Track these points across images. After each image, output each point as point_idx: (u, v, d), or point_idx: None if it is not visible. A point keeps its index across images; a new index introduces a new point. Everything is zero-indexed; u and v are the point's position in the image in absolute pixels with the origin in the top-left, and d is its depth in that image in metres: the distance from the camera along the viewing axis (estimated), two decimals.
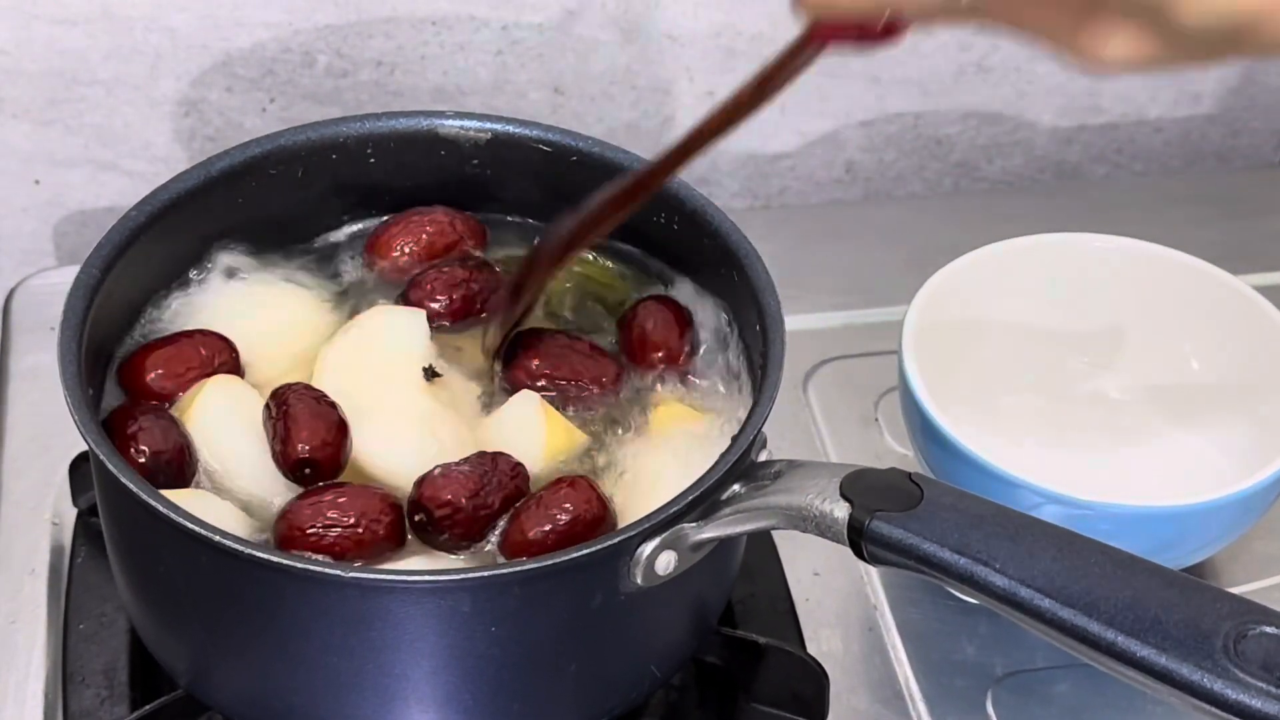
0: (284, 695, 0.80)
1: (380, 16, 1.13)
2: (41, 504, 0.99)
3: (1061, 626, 0.71)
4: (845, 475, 0.77)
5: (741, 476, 0.79)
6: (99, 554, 0.92)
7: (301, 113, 1.15)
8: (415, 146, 0.93)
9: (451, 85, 1.16)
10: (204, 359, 0.87)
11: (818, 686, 0.89)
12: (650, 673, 0.84)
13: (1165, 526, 0.90)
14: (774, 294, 0.85)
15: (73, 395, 0.78)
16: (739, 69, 1.19)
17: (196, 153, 1.16)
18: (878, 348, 1.06)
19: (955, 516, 0.74)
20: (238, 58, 1.13)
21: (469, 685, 0.79)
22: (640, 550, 0.77)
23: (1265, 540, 0.99)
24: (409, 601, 0.75)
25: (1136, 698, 0.91)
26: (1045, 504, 0.88)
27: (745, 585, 0.94)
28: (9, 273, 1.17)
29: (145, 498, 0.75)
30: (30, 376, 1.06)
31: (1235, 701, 0.68)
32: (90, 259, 0.84)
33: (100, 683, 0.90)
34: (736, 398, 0.88)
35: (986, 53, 1.22)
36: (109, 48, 1.11)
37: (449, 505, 0.80)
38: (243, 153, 0.90)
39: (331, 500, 0.81)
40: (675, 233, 0.90)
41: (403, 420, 0.85)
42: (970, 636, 0.95)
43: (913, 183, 1.28)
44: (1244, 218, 1.21)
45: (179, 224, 0.88)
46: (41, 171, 1.16)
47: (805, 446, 1.05)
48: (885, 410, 1.06)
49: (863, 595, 0.97)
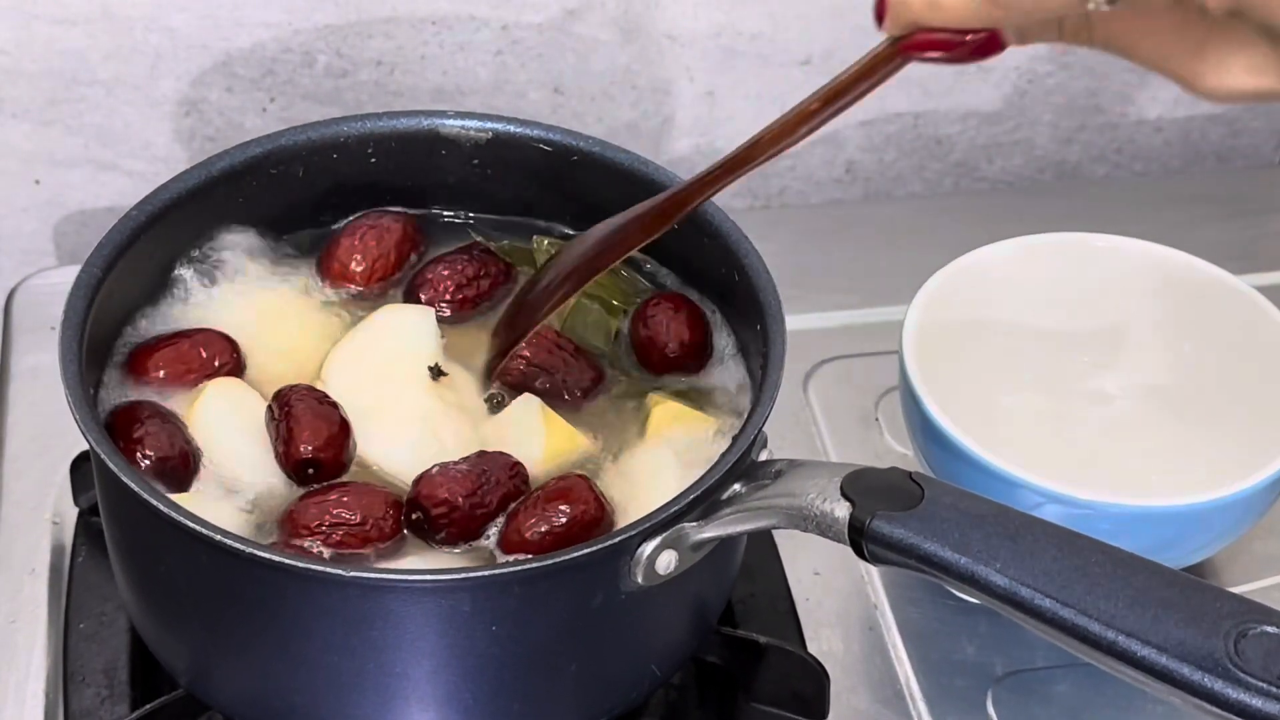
0: (285, 695, 0.80)
1: (380, 16, 1.13)
2: (42, 504, 0.99)
3: (1062, 626, 0.71)
4: (846, 475, 0.77)
5: (742, 476, 0.79)
6: (99, 553, 0.92)
7: (301, 113, 1.15)
8: (415, 146, 0.93)
9: (451, 85, 1.16)
10: (205, 359, 0.87)
11: (818, 686, 0.89)
12: (650, 672, 0.84)
13: (1165, 526, 0.90)
14: (774, 294, 0.85)
15: (74, 394, 0.78)
16: (739, 69, 1.19)
17: (196, 153, 1.16)
18: (878, 348, 1.06)
19: (955, 516, 0.74)
20: (238, 58, 1.13)
21: (469, 684, 0.79)
22: (641, 550, 0.77)
23: (1265, 540, 0.99)
24: (409, 601, 0.76)
25: (1136, 698, 0.91)
26: (1045, 504, 0.88)
27: (745, 585, 0.94)
28: (9, 273, 1.17)
29: (146, 497, 0.75)
30: (31, 376, 1.06)
31: (1235, 701, 0.68)
32: (90, 259, 0.84)
33: (101, 682, 0.90)
34: (736, 397, 0.88)
35: None
36: (109, 48, 1.11)
37: (445, 504, 0.80)
38: (243, 153, 0.90)
39: (336, 499, 0.81)
40: (675, 233, 0.90)
41: (407, 419, 0.85)
42: (970, 636, 0.95)
43: (913, 183, 1.28)
44: (1244, 218, 1.21)
45: (179, 224, 0.88)
46: (41, 171, 1.16)
47: (805, 446, 1.05)
48: (885, 410, 1.06)
49: (863, 595, 0.97)
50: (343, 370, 0.87)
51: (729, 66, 1.19)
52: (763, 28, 1.17)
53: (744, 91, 1.20)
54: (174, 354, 0.86)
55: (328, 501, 0.81)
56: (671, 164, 1.19)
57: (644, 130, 1.20)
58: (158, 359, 0.86)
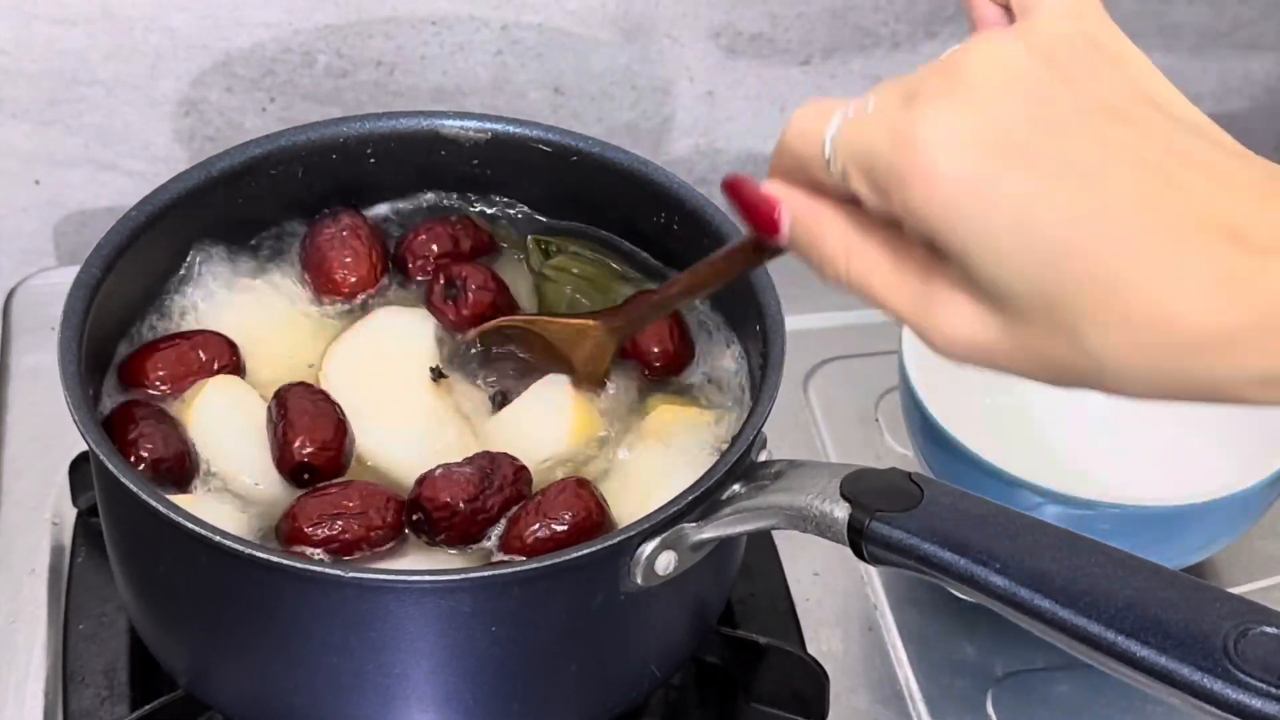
0: (284, 695, 0.80)
1: (380, 16, 1.13)
2: (41, 504, 0.99)
3: (1061, 626, 0.71)
4: (845, 475, 0.77)
5: (742, 476, 0.79)
6: (99, 554, 0.92)
7: (301, 113, 1.15)
8: (415, 146, 0.92)
9: (451, 85, 1.16)
10: (204, 360, 0.87)
11: (818, 686, 0.89)
12: (650, 673, 0.84)
13: (1165, 526, 0.90)
14: (774, 294, 0.85)
15: (73, 395, 0.78)
16: (739, 69, 1.19)
17: (196, 153, 1.15)
18: (878, 348, 1.06)
19: (955, 516, 0.74)
20: (238, 58, 1.13)
21: (469, 685, 0.79)
22: (640, 550, 0.77)
23: (1265, 540, 0.99)
24: (409, 601, 0.75)
25: (1136, 698, 0.91)
26: (1045, 504, 0.88)
27: (745, 585, 0.94)
28: (9, 273, 1.17)
29: (145, 498, 0.75)
30: (30, 376, 1.06)
31: (1235, 701, 0.67)
32: (90, 259, 0.84)
33: (100, 682, 0.90)
34: (736, 397, 0.88)
35: None
36: (109, 48, 1.11)
37: (446, 508, 0.80)
38: (243, 153, 0.90)
39: (337, 498, 0.81)
40: (675, 233, 0.90)
41: (409, 418, 0.85)
42: (970, 636, 0.95)
43: None
44: None
45: (179, 224, 0.88)
46: (41, 171, 1.16)
47: (805, 446, 1.05)
48: (885, 410, 1.06)
49: (863, 595, 0.97)
50: (342, 366, 0.87)
51: (729, 66, 1.18)
52: (763, 28, 1.17)
53: (744, 91, 1.20)
54: (173, 355, 0.86)
55: (328, 501, 0.81)
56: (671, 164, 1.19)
57: (644, 130, 1.20)
58: (157, 360, 0.86)
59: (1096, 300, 0.56)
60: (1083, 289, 0.56)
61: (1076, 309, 0.56)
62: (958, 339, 0.60)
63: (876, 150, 0.59)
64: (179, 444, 0.83)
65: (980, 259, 0.57)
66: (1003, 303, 0.58)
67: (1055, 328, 0.57)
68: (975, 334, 0.59)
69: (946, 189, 0.57)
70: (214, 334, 0.88)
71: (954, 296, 0.59)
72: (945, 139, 0.57)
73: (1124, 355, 0.56)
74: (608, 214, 0.93)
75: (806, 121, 0.63)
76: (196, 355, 0.86)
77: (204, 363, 0.86)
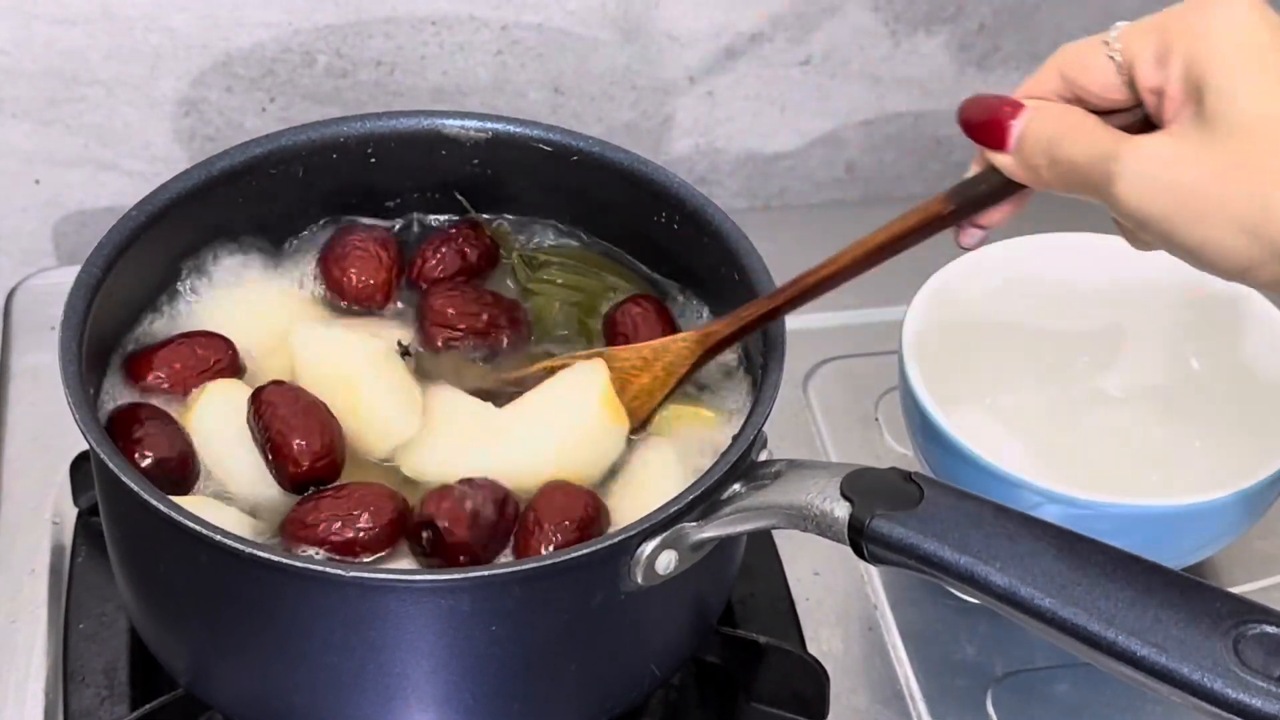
0: (284, 694, 0.80)
1: (380, 16, 1.13)
2: (42, 504, 0.99)
3: (1062, 626, 0.71)
4: (845, 475, 0.77)
5: (742, 476, 0.79)
6: (99, 554, 0.92)
7: (301, 113, 1.15)
8: (416, 146, 0.93)
9: (451, 85, 1.16)
10: (204, 360, 0.87)
11: (818, 686, 0.89)
12: (650, 672, 0.84)
13: (1165, 526, 0.90)
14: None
15: (74, 395, 0.78)
16: (739, 69, 1.19)
17: (196, 153, 1.16)
18: (878, 348, 1.06)
19: (955, 516, 0.74)
20: (238, 58, 1.13)
21: (469, 684, 0.79)
22: (641, 549, 0.77)
23: (1265, 540, 0.99)
24: (409, 601, 0.75)
25: (1136, 698, 0.91)
26: (1045, 504, 0.88)
27: (745, 585, 0.94)
28: (9, 273, 1.17)
29: (146, 497, 0.75)
30: (30, 376, 1.06)
31: (1235, 701, 0.68)
32: (90, 259, 0.84)
33: (100, 682, 0.90)
34: (736, 398, 0.88)
35: (986, 53, 1.22)
36: (109, 48, 1.11)
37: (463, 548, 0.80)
38: (243, 153, 0.90)
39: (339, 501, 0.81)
40: (675, 233, 0.90)
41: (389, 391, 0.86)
42: (970, 636, 0.95)
43: (913, 183, 1.28)
44: None
45: (179, 224, 0.88)
46: (41, 171, 1.16)
47: (805, 446, 1.05)
48: (885, 410, 1.06)
49: (863, 595, 0.97)
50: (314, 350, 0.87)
51: (729, 66, 1.19)
52: (763, 28, 1.17)
53: (744, 91, 1.20)
54: (173, 355, 0.86)
55: (330, 504, 0.80)
56: (671, 164, 1.19)
57: (644, 130, 1.20)
58: (157, 360, 0.86)
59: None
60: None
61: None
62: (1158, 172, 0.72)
63: (1166, 23, 0.71)
64: (179, 444, 0.83)
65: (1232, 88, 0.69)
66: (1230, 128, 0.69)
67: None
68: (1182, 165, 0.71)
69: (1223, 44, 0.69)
70: (213, 334, 0.88)
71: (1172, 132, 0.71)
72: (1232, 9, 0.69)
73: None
74: (608, 214, 0.93)
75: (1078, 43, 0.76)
76: (196, 355, 0.86)
77: (204, 362, 0.86)
